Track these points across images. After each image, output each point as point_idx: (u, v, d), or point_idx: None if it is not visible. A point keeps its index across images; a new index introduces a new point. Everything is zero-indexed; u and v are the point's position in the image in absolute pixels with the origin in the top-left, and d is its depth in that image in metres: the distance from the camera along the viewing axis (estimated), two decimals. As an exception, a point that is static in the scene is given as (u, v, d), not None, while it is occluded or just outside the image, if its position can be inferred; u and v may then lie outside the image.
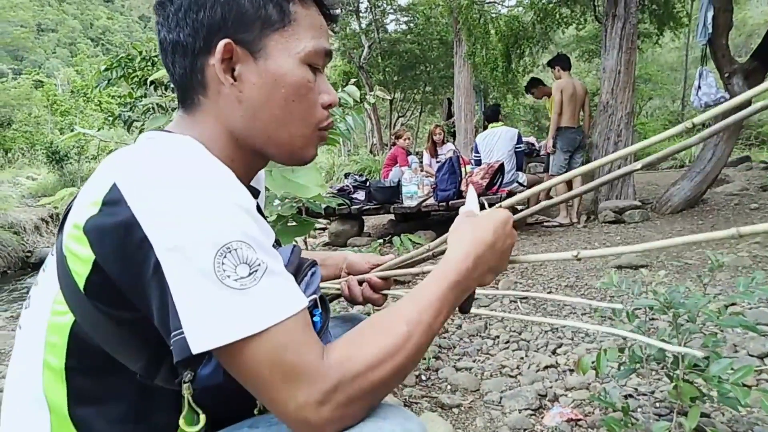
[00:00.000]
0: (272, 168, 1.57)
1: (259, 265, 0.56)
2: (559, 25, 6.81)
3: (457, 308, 0.72)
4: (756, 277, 1.22)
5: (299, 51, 0.68)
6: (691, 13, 7.92)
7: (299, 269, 0.71)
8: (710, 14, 4.48)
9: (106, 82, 4.64)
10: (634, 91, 5.36)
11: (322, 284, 0.98)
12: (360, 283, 0.97)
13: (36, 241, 9.15)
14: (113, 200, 0.56)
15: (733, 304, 2.23)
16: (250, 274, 0.55)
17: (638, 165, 0.79)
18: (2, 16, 21.04)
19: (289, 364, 0.56)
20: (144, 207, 0.55)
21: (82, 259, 0.58)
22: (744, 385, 1.60)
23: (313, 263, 0.74)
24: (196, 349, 0.53)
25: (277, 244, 0.80)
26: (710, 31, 4.49)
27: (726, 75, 4.54)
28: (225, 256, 0.54)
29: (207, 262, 0.53)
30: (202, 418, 0.61)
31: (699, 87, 4.65)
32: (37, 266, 8.29)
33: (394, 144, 6.81)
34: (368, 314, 2.54)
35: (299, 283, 0.67)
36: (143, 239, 0.54)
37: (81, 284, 0.59)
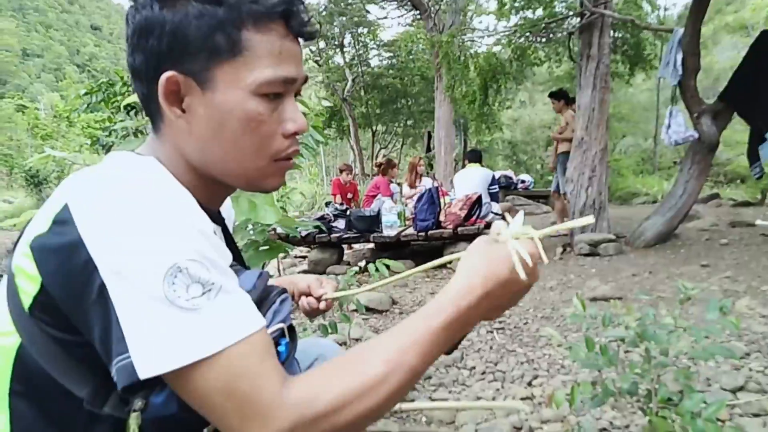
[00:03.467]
0: (240, 194, 1.58)
1: (213, 284, 0.54)
2: (535, 64, 7.04)
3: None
4: (725, 306, 1.22)
5: (249, 82, 0.63)
6: (661, 56, 8.26)
7: (267, 296, 0.68)
8: (679, 57, 4.67)
9: (86, 106, 4.63)
10: (608, 129, 5.52)
11: None
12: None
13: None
14: (62, 220, 0.55)
15: (705, 338, 2.25)
16: (203, 293, 0.53)
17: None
18: (-14, 40, 20.72)
19: (243, 395, 0.53)
20: (91, 228, 0.53)
21: (30, 276, 0.56)
22: (718, 420, 1.60)
23: (283, 291, 0.71)
24: (143, 373, 0.51)
25: (246, 268, 0.78)
26: (680, 73, 4.67)
27: (695, 115, 4.71)
28: (176, 276, 0.52)
29: (155, 283, 0.51)
30: None
31: (669, 125, 4.81)
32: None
33: (384, 172, 6.90)
34: (342, 344, 2.50)
35: (266, 311, 0.65)
36: (88, 261, 0.52)
37: (27, 304, 0.56)
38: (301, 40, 0.68)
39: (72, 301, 0.54)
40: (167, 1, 0.61)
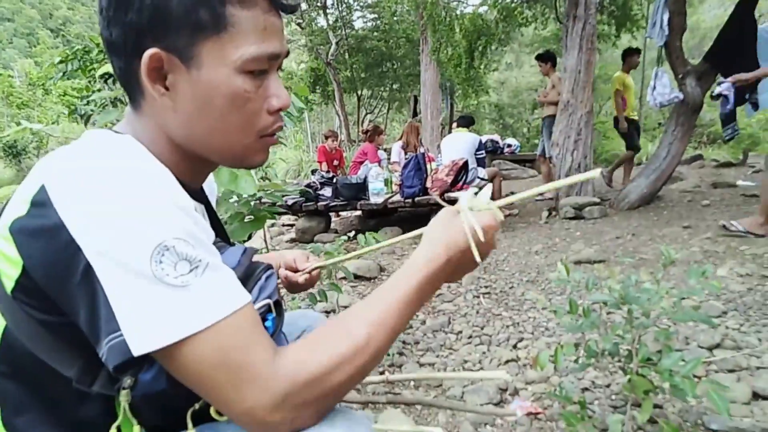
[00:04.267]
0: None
1: (200, 261, 0.55)
2: (521, 25, 6.94)
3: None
4: (706, 271, 1.26)
5: (235, 59, 0.61)
6: (647, 16, 8.18)
7: (252, 273, 0.69)
8: (666, 17, 4.62)
9: (62, 74, 4.49)
10: (594, 91, 5.50)
11: None
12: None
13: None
14: (40, 202, 0.54)
15: (685, 298, 2.32)
16: (191, 270, 0.54)
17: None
18: (-49, 3, 19.92)
19: (236, 364, 0.54)
20: (71, 209, 0.52)
21: (11, 260, 0.55)
22: (695, 376, 1.66)
23: (268, 267, 0.72)
24: (137, 350, 0.51)
25: (230, 244, 0.78)
26: (667, 33, 4.63)
27: (680, 76, 4.70)
28: (162, 254, 0.52)
29: (143, 262, 0.52)
30: (136, 429, 0.59)
31: (654, 87, 4.79)
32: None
33: (371, 139, 6.83)
34: (327, 313, 2.53)
35: (252, 287, 0.66)
36: (70, 242, 0.51)
37: (9, 287, 0.56)
38: (282, 13, 0.66)
39: (55, 283, 0.54)
40: None
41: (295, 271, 1.04)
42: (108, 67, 1.43)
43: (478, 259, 0.67)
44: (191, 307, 0.53)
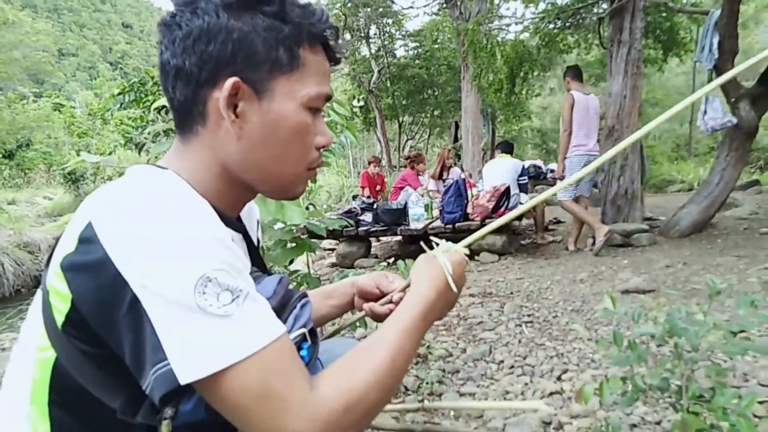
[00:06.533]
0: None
1: (241, 290, 0.57)
2: (563, 51, 6.90)
3: None
4: (756, 300, 1.19)
5: (303, 95, 0.69)
6: (697, 39, 7.97)
7: (287, 302, 0.70)
8: (716, 40, 4.51)
9: (119, 105, 4.77)
10: (641, 116, 5.38)
11: (349, 317, 1.06)
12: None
13: (49, 258, 9.21)
14: (87, 238, 0.56)
15: (742, 332, 2.19)
16: (233, 300, 0.56)
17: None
18: (25, 41, 21.52)
19: (277, 393, 0.55)
20: (117, 245, 0.55)
21: (61, 295, 0.58)
22: (754, 416, 1.57)
23: (303, 296, 0.73)
24: (184, 379, 0.53)
25: (266, 272, 0.81)
26: (716, 56, 4.51)
27: (733, 100, 4.55)
28: (206, 286, 0.54)
29: (187, 293, 0.54)
30: None
31: (705, 111, 4.66)
32: (49, 286, 8.36)
33: (411, 165, 6.90)
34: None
35: (287, 316, 0.68)
36: (116, 276, 0.54)
37: (60, 321, 0.59)
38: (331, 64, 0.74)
39: (101, 316, 0.56)
40: (236, 11, 0.65)
41: (381, 296, 0.98)
42: (163, 101, 1.52)
43: (454, 288, 0.79)
44: (235, 336, 0.55)
